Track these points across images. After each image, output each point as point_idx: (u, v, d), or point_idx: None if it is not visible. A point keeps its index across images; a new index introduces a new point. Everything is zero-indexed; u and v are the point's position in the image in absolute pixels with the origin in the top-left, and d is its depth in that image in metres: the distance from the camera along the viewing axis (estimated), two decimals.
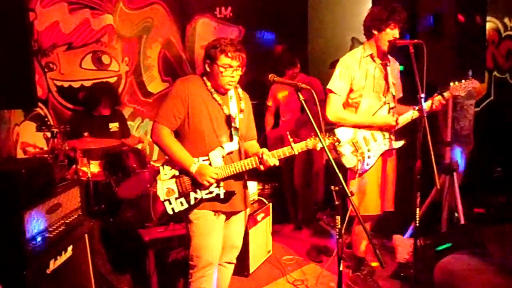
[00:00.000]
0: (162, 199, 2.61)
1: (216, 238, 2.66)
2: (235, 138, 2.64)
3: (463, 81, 3.14)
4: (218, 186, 2.59)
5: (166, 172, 2.63)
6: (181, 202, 2.59)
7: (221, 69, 2.50)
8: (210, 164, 2.58)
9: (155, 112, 2.64)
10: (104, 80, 4.65)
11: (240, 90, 2.75)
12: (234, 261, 2.91)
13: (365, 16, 3.20)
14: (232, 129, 2.63)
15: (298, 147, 2.52)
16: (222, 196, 2.60)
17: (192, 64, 5.22)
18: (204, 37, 5.15)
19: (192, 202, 2.58)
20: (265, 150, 2.55)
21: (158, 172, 2.67)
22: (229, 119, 2.62)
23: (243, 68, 2.58)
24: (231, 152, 2.63)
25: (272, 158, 2.51)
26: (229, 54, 2.49)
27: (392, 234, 3.94)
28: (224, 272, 2.88)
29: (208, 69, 2.57)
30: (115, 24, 4.70)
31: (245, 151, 2.74)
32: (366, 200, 3.26)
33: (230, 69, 2.51)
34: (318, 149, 2.50)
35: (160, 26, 4.98)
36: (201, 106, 2.57)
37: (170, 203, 2.60)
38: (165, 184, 2.61)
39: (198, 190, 2.59)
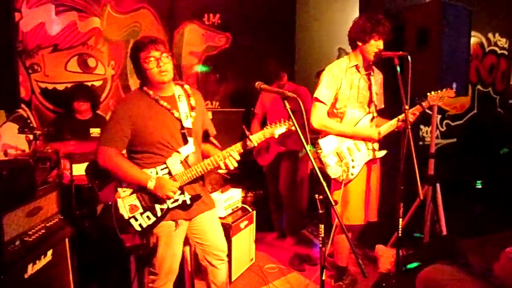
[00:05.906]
0: (126, 217, 2.49)
1: (180, 247, 2.64)
2: (190, 139, 2.56)
3: (439, 91, 3.22)
4: (182, 193, 2.53)
5: (125, 189, 2.51)
6: (147, 216, 2.50)
7: (147, 65, 2.43)
8: (169, 172, 2.51)
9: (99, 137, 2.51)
10: (89, 83, 4.62)
11: (187, 86, 2.68)
12: (222, 260, 2.79)
13: (350, 28, 3.22)
14: (185, 131, 2.55)
15: (256, 138, 2.54)
16: (188, 202, 2.55)
17: (179, 70, 5.20)
18: (191, 43, 5.15)
19: (159, 214, 2.50)
20: (229, 149, 2.53)
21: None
22: (180, 122, 2.55)
23: (169, 53, 2.49)
24: (189, 155, 2.56)
25: (234, 153, 2.50)
26: (143, 48, 2.43)
27: (375, 244, 3.95)
28: (216, 272, 2.79)
29: (144, 75, 2.49)
30: (102, 27, 4.68)
31: (206, 151, 2.71)
32: (349, 210, 3.27)
33: (153, 59, 2.43)
34: (276, 136, 2.55)
35: (147, 31, 4.95)
36: (147, 120, 2.48)
37: (136, 220, 2.49)
38: (127, 201, 2.49)
39: (163, 201, 2.52)
